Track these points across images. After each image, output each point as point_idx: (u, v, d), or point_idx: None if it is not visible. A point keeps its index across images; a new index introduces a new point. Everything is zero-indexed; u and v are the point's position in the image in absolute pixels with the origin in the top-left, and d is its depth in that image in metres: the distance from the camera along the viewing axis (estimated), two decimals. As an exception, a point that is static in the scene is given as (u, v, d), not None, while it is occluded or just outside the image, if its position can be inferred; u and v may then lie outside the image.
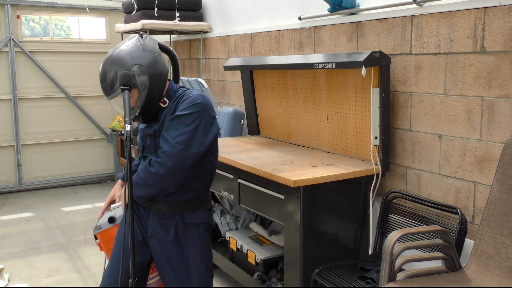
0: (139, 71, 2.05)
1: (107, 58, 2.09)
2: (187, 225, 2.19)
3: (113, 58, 2.07)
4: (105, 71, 2.07)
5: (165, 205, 2.17)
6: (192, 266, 2.20)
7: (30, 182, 6.15)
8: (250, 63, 3.67)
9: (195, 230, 2.21)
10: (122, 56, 2.06)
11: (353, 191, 2.82)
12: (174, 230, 2.18)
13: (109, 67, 2.06)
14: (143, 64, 2.06)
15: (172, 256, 2.19)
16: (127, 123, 1.77)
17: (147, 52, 2.09)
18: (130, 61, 2.05)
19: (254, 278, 3.07)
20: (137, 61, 2.05)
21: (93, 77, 6.35)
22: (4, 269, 3.66)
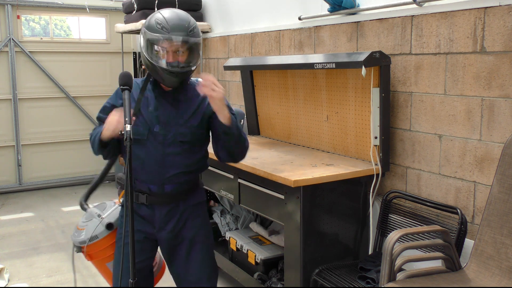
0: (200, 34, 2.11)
1: (178, 11, 2.09)
2: (191, 207, 2.25)
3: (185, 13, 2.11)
4: (186, 16, 2.08)
5: (171, 196, 2.18)
6: (200, 243, 2.26)
7: (30, 182, 6.15)
8: (250, 63, 3.67)
9: (200, 209, 2.29)
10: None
11: (353, 191, 2.82)
12: (180, 216, 2.21)
13: (188, 17, 2.08)
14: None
15: (182, 240, 2.23)
16: (127, 123, 1.78)
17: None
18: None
19: (254, 278, 3.07)
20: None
21: (93, 77, 6.36)
22: (4, 269, 3.66)
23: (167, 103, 2.15)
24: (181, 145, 2.14)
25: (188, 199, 2.24)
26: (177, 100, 2.16)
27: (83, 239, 2.34)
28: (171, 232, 2.22)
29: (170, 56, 2.03)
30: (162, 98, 2.15)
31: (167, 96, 2.15)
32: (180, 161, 2.15)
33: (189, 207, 2.25)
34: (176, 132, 2.13)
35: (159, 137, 2.12)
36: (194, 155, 2.19)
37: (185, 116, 2.15)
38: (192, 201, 2.26)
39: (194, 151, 2.19)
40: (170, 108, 2.14)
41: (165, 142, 2.12)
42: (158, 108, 2.13)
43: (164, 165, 2.13)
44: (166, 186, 2.16)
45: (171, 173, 2.14)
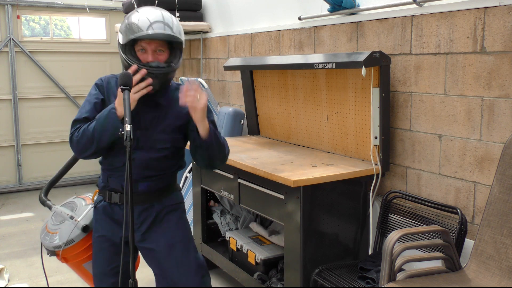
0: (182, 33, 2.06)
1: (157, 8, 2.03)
2: (167, 207, 2.19)
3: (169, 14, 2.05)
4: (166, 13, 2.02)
5: (145, 195, 2.13)
6: (180, 243, 2.18)
7: (30, 182, 6.15)
8: (250, 63, 3.67)
9: (176, 211, 2.23)
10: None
11: (353, 191, 2.82)
12: (154, 217, 2.16)
13: (171, 17, 2.02)
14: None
15: (158, 242, 2.16)
16: (127, 123, 1.74)
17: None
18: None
19: (254, 278, 3.07)
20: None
21: (93, 77, 6.34)
22: (4, 269, 3.66)
23: (148, 107, 2.06)
24: (160, 151, 2.10)
25: (164, 200, 2.19)
26: (158, 104, 2.09)
27: (57, 244, 2.24)
28: (145, 234, 2.16)
29: (149, 55, 1.98)
30: (142, 103, 2.02)
31: (148, 99, 2.04)
32: (157, 165, 2.11)
33: (164, 207, 2.19)
34: (156, 138, 2.08)
35: (139, 143, 2.06)
36: (171, 159, 2.16)
37: (166, 122, 2.10)
38: (168, 202, 2.20)
39: (172, 155, 2.16)
40: (151, 113, 2.07)
41: (144, 148, 2.07)
42: (139, 112, 2.03)
43: (140, 168, 2.08)
44: (140, 184, 2.10)
45: (146, 175, 2.10)
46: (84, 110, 2.07)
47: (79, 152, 2.05)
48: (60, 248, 2.21)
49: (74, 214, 2.32)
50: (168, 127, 2.10)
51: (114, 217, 2.15)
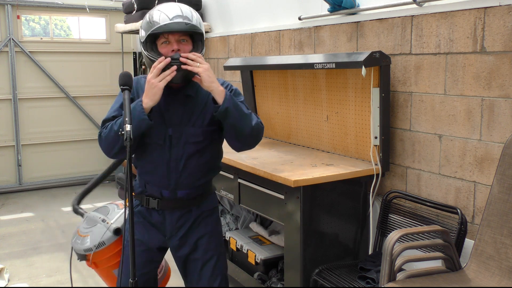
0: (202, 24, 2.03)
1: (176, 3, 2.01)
2: (204, 212, 2.17)
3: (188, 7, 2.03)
4: (184, 6, 2.00)
5: (183, 201, 2.11)
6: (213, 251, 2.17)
7: (30, 182, 6.15)
8: (250, 63, 3.68)
9: (213, 215, 2.21)
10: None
11: (353, 191, 2.82)
12: (192, 222, 2.14)
13: (190, 9, 2.01)
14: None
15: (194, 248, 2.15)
16: (127, 123, 1.73)
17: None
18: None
19: (254, 278, 3.07)
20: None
21: (93, 77, 6.36)
22: (4, 269, 3.66)
23: (177, 101, 2.05)
24: (194, 146, 2.06)
25: (201, 205, 2.17)
26: (187, 97, 2.06)
27: (88, 246, 2.21)
28: (182, 239, 2.14)
29: (173, 44, 1.96)
30: (171, 97, 2.04)
31: (176, 94, 2.05)
32: (193, 163, 2.07)
33: (202, 213, 2.17)
34: (188, 133, 2.05)
35: (172, 140, 2.05)
36: (207, 155, 2.11)
37: (195, 114, 2.06)
38: (205, 207, 2.18)
39: (207, 150, 2.11)
40: (180, 107, 2.05)
41: (178, 145, 2.05)
42: (169, 108, 2.04)
43: (177, 169, 2.05)
44: (178, 192, 2.09)
45: (184, 177, 2.07)
46: (112, 110, 2.07)
47: (107, 148, 2.01)
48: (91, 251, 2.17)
49: (106, 218, 2.28)
50: (199, 119, 2.06)
51: (151, 222, 2.13)
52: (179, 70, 1.93)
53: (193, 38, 2.03)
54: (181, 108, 2.05)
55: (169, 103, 2.04)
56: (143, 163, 2.11)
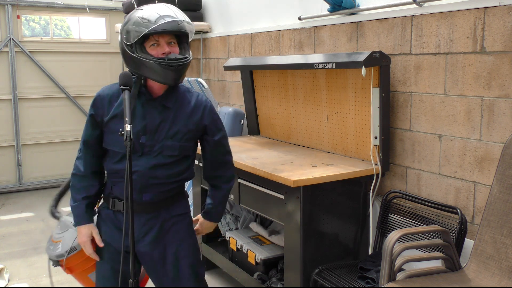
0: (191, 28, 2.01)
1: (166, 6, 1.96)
2: (174, 217, 2.09)
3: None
4: (174, 8, 1.97)
5: (151, 204, 2.04)
6: (184, 259, 2.11)
7: (30, 182, 6.15)
8: (250, 63, 3.67)
9: (184, 221, 2.14)
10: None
11: (353, 191, 2.82)
12: (160, 227, 2.06)
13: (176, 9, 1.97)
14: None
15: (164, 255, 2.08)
16: (127, 123, 1.71)
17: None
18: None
19: (254, 278, 3.07)
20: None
21: (93, 77, 6.36)
22: (4, 269, 3.66)
23: (155, 110, 1.98)
24: (167, 158, 2.00)
25: (170, 209, 2.08)
26: (166, 107, 2.00)
27: (60, 252, 2.15)
28: (150, 244, 2.05)
29: (164, 47, 1.91)
30: (150, 106, 1.97)
31: (155, 103, 1.98)
32: (163, 173, 2.00)
33: (172, 217, 2.09)
34: (164, 145, 1.98)
35: (144, 149, 1.97)
36: (179, 167, 2.05)
37: (174, 127, 2.00)
38: (175, 211, 2.10)
39: (180, 163, 2.05)
40: (158, 117, 1.98)
41: (151, 155, 1.98)
42: (146, 116, 1.97)
43: (144, 176, 1.98)
44: (144, 195, 2.01)
45: (152, 183, 2.00)
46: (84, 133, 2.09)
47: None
48: (63, 256, 2.11)
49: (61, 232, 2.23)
50: (178, 134, 2.01)
51: (117, 225, 2.06)
52: (175, 70, 1.90)
53: (180, 40, 2.00)
54: (158, 118, 1.99)
55: (146, 111, 1.98)
56: (111, 167, 2.03)
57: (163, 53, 1.91)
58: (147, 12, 1.91)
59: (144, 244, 2.06)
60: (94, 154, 2.07)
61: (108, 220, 2.09)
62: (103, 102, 2.03)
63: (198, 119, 2.05)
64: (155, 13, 1.90)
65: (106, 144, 2.04)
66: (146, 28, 1.87)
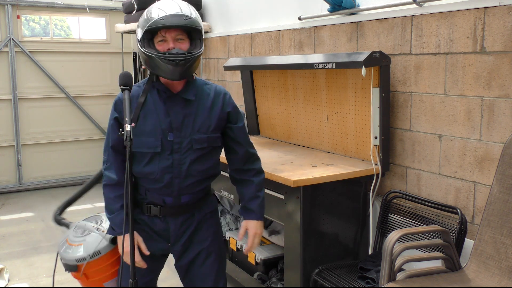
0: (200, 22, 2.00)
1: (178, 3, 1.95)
2: (206, 215, 2.15)
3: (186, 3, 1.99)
4: (186, 5, 1.96)
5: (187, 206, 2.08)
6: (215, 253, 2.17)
7: (30, 182, 6.15)
8: (250, 63, 3.67)
9: (214, 217, 2.20)
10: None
11: (353, 191, 2.82)
12: (196, 226, 2.11)
13: (188, 6, 1.97)
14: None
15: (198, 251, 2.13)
16: (127, 123, 1.72)
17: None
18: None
19: (254, 278, 3.07)
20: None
21: (93, 77, 6.36)
22: (4, 269, 3.66)
23: (177, 105, 2.00)
24: (197, 152, 2.01)
25: (202, 208, 2.14)
26: (188, 101, 2.01)
27: (82, 256, 2.09)
28: (185, 244, 2.11)
29: (170, 43, 1.91)
30: (171, 102, 1.99)
31: (176, 98, 2.00)
32: (196, 169, 2.02)
33: (205, 215, 2.15)
34: (192, 139, 2.00)
35: (174, 146, 1.98)
36: (210, 161, 2.07)
37: (199, 120, 2.02)
38: (207, 209, 2.16)
39: (210, 156, 2.07)
40: (180, 112, 2.00)
41: (181, 151, 1.99)
42: (169, 113, 1.99)
43: (180, 175, 2.00)
44: (182, 197, 2.05)
45: (188, 183, 2.02)
46: (109, 138, 2.05)
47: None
48: (85, 260, 2.06)
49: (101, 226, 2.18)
50: (203, 126, 2.02)
51: (154, 229, 2.08)
52: (178, 65, 1.89)
53: (191, 36, 1.98)
54: (181, 113, 2.00)
55: (169, 108, 1.99)
56: (142, 170, 2.01)
57: (168, 49, 1.92)
58: (158, 8, 1.93)
59: (180, 244, 2.11)
60: (124, 159, 1.97)
61: (144, 224, 2.09)
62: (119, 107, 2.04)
63: (220, 108, 2.07)
64: (165, 9, 1.91)
65: (133, 147, 1.99)
66: (152, 23, 1.89)
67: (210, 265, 2.16)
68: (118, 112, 2.02)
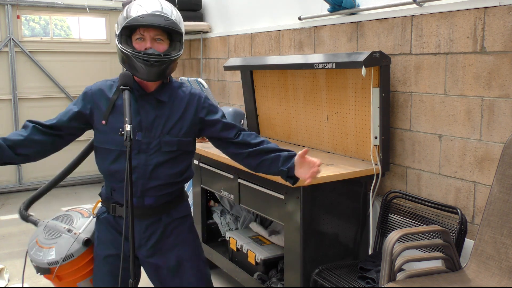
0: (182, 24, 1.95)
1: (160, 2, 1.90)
2: (175, 220, 2.05)
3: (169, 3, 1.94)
4: (168, 6, 1.91)
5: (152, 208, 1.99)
6: (188, 262, 2.07)
7: (30, 182, 6.15)
8: (250, 63, 3.67)
9: (185, 224, 2.09)
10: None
11: (353, 191, 2.82)
12: (162, 231, 2.02)
13: (170, 7, 1.92)
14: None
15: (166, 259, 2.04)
16: (127, 123, 1.69)
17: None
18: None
19: (254, 278, 3.07)
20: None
21: (93, 77, 6.35)
22: (4, 269, 3.66)
23: (149, 105, 1.94)
24: (166, 154, 1.95)
25: (172, 212, 2.04)
26: (160, 102, 1.96)
27: (54, 259, 2.03)
28: (152, 249, 2.01)
29: (147, 42, 1.86)
30: (143, 101, 1.93)
31: (149, 98, 1.95)
32: (164, 172, 1.95)
33: (173, 221, 2.05)
34: (161, 140, 1.93)
35: (141, 146, 1.92)
36: (178, 165, 2.00)
37: (170, 122, 1.96)
38: (176, 214, 2.06)
39: (179, 160, 2.00)
40: (152, 112, 1.94)
41: (148, 152, 1.93)
42: (140, 112, 1.93)
43: (144, 176, 1.93)
44: (146, 199, 1.96)
45: (153, 185, 1.94)
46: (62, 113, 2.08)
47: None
48: (57, 264, 2.00)
49: (72, 227, 2.11)
50: (174, 129, 1.97)
51: (119, 230, 2.01)
52: (152, 66, 1.84)
53: (171, 38, 1.93)
54: (152, 113, 1.94)
55: (140, 107, 1.93)
56: (108, 168, 1.96)
57: (145, 48, 1.87)
58: (137, 4, 1.88)
59: (146, 249, 2.02)
60: (41, 142, 2.06)
61: (109, 225, 2.05)
62: (94, 97, 2.04)
63: (193, 112, 2.01)
64: (144, 7, 1.87)
65: (99, 142, 1.98)
66: (130, 21, 1.85)
67: (186, 275, 2.06)
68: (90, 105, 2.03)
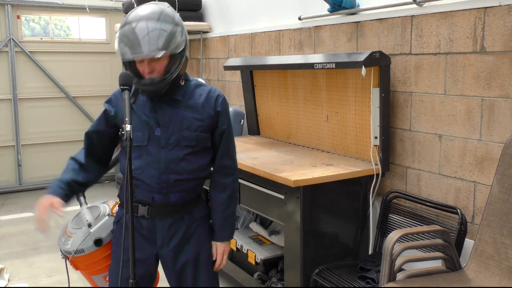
0: (182, 31, 1.89)
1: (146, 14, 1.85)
2: (197, 220, 2.07)
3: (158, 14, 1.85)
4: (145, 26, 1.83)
5: (176, 206, 2.01)
6: (206, 263, 2.09)
7: (30, 182, 6.15)
8: (250, 63, 3.67)
9: (205, 224, 2.11)
10: (170, 12, 1.88)
11: (353, 191, 2.82)
12: (185, 231, 2.03)
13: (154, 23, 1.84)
14: (183, 26, 1.92)
15: (187, 259, 2.05)
16: (127, 123, 1.70)
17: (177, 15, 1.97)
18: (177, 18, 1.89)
19: (254, 278, 3.07)
20: (179, 21, 1.91)
21: (93, 77, 6.36)
22: (4, 269, 3.66)
23: (165, 103, 1.97)
24: (185, 149, 1.96)
25: (193, 212, 2.06)
26: (175, 100, 1.98)
27: (68, 249, 2.09)
28: (174, 249, 2.02)
29: (145, 67, 1.86)
30: (158, 100, 1.96)
31: (163, 96, 1.96)
32: (185, 167, 1.97)
33: (195, 220, 2.06)
34: (180, 135, 1.96)
35: (161, 141, 1.95)
36: (198, 161, 2.02)
37: (188, 118, 1.98)
38: (198, 214, 2.07)
39: (199, 156, 2.02)
40: (169, 109, 1.97)
41: (168, 146, 1.95)
42: (156, 109, 1.96)
43: (168, 171, 1.95)
44: (172, 195, 1.98)
45: (176, 178, 1.96)
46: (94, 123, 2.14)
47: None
48: (70, 254, 2.06)
49: (93, 222, 2.14)
50: (193, 124, 1.98)
51: (141, 232, 2.01)
52: (152, 91, 1.91)
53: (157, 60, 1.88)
54: (169, 110, 1.97)
55: (156, 105, 1.97)
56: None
57: (144, 72, 1.88)
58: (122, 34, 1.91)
59: (169, 249, 2.02)
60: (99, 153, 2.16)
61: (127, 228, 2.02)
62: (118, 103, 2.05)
63: (212, 108, 2.02)
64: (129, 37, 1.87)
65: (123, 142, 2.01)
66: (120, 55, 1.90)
67: (201, 274, 2.08)
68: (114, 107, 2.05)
